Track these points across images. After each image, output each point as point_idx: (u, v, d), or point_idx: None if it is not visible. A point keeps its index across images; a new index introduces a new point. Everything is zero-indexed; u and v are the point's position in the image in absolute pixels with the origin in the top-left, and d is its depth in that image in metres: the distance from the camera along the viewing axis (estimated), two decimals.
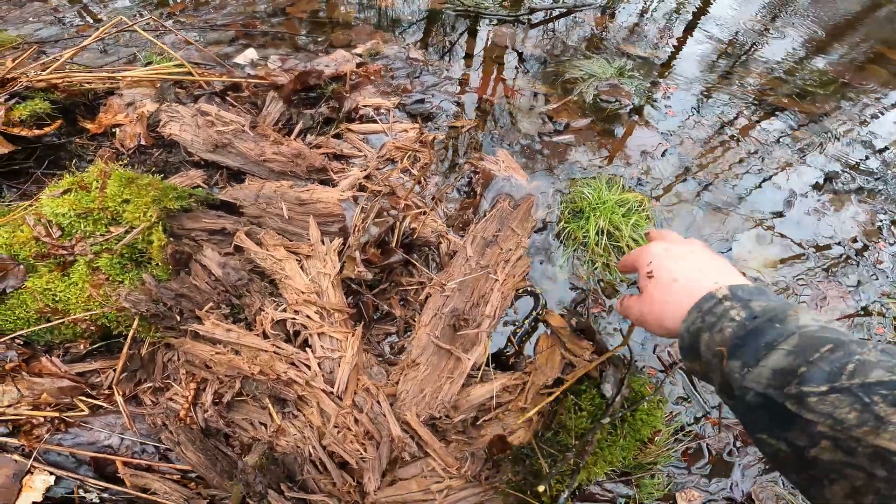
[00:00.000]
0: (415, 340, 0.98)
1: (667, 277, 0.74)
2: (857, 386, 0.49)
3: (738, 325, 0.61)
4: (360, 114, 1.35)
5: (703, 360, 0.64)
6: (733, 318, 0.62)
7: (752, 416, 0.57)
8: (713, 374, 0.63)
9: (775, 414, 0.53)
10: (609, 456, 0.98)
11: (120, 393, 0.92)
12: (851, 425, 0.47)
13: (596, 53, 1.83)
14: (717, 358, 0.61)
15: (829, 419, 0.49)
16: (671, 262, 0.76)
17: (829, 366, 0.51)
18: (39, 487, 0.85)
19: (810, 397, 0.50)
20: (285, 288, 0.97)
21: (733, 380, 0.59)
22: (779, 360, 0.55)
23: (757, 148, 1.63)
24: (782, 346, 0.56)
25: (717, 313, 0.64)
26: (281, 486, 0.84)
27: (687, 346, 0.67)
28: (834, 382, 0.50)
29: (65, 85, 1.23)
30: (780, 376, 0.54)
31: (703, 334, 0.64)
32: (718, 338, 0.62)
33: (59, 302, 0.92)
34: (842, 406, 0.48)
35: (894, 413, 0.46)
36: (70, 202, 0.91)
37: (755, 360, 0.57)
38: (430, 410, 0.90)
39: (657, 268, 0.77)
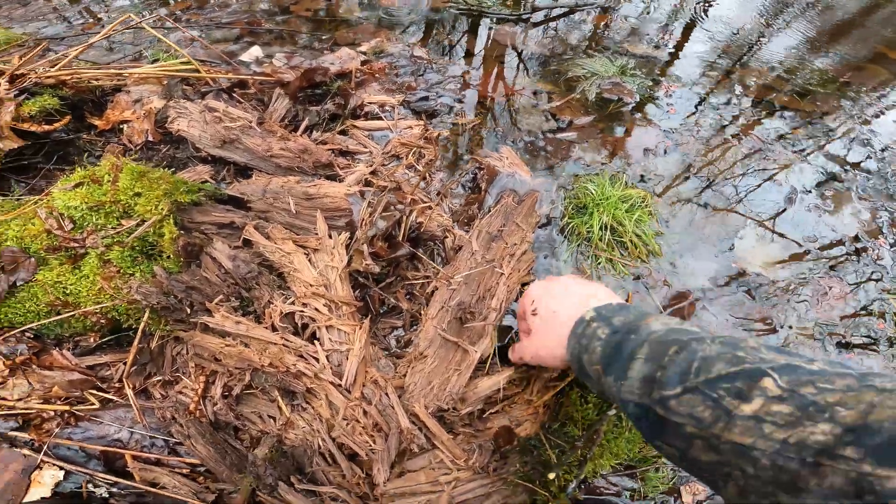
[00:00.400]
0: (422, 333, 0.99)
1: (549, 312, 0.79)
2: (703, 383, 0.51)
3: (605, 343, 0.65)
4: (365, 111, 1.36)
5: (592, 381, 0.67)
6: (600, 336, 0.66)
7: (639, 426, 0.59)
8: (606, 394, 0.65)
9: (653, 421, 0.55)
10: (615, 448, 0.99)
11: (130, 386, 0.93)
12: (709, 423, 0.48)
13: (598, 52, 1.84)
14: (597, 377, 0.65)
15: (691, 419, 0.50)
16: (550, 298, 0.81)
17: (678, 367, 0.54)
18: (48, 483, 0.86)
19: (671, 400, 0.53)
20: (294, 281, 0.97)
21: (613, 395, 0.62)
22: (640, 370, 0.58)
23: (758, 146, 1.64)
24: (639, 355, 0.59)
25: (588, 335, 0.68)
26: (291, 479, 0.85)
27: (577, 370, 0.71)
28: (685, 383, 0.52)
29: (73, 81, 1.23)
30: (645, 384, 0.57)
31: (583, 356, 0.68)
32: (594, 357, 0.65)
33: (69, 295, 0.92)
34: (696, 405, 0.50)
35: (738, 405, 0.47)
36: (82, 195, 0.92)
37: (623, 373, 0.60)
38: (438, 402, 0.91)
39: (539, 306, 0.82)
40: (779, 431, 0.44)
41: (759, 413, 0.46)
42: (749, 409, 0.46)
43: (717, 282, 1.29)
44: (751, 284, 1.30)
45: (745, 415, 0.46)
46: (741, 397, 0.47)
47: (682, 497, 1.06)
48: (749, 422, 0.46)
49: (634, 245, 1.27)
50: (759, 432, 0.45)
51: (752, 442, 0.45)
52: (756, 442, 0.44)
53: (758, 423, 0.45)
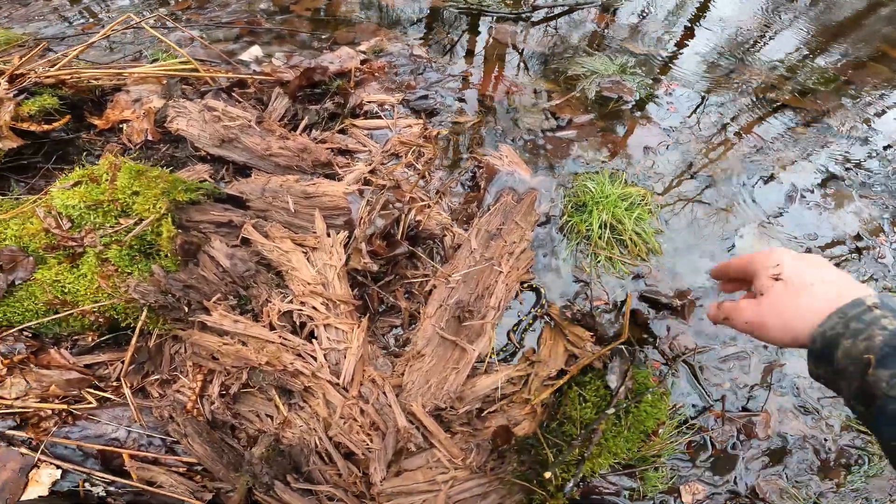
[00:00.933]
0: (420, 332, 0.99)
1: (800, 281, 0.71)
2: None
3: (891, 335, 0.59)
4: (364, 110, 1.36)
5: (835, 367, 0.62)
6: (885, 326, 0.60)
7: (891, 427, 0.55)
8: (844, 382, 0.61)
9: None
10: (614, 447, 0.98)
11: (127, 385, 0.93)
12: None
13: (598, 51, 1.84)
14: (858, 366, 0.59)
15: None
16: (802, 266, 0.73)
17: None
18: (46, 482, 0.85)
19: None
20: (292, 279, 0.97)
21: (878, 388, 0.57)
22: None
23: (759, 144, 1.64)
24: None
25: (865, 320, 0.61)
26: (287, 478, 0.85)
27: (818, 350, 0.65)
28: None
29: (73, 81, 1.24)
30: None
31: (842, 340, 0.62)
32: (864, 345, 0.60)
33: (67, 294, 0.92)
34: None
35: None
36: (80, 194, 0.92)
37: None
38: (436, 401, 0.90)
39: (788, 271, 0.73)
40: None
41: None
42: None
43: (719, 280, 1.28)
44: None
45: None
46: None
47: (682, 496, 1.05)
48: None
49: (634, 243, 1.26)
50: None
51: None
52: None
53: None
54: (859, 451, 1.12)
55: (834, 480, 1.08)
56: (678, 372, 1.15)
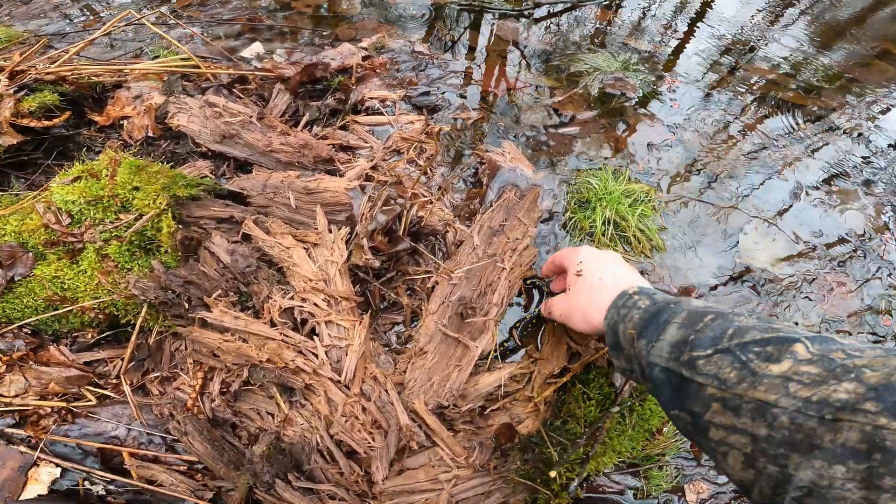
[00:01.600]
0: (422, 328, 0.98)
1: (593, 277, 0.83)
2: (735, 346, 0.53)
3: (644, 311, 0.69)
4: (366, 106, 1.35)
5: (623, 352, 0.70)
6: (640, 306, 0.70)
7: (662, 393, 0.62)
8: (633, 364, 0.68)
9: (676, 385, 0.58)
10: (618, 446, 0.98)
11: (127, 382, 0.92)
12: (733, 383, 0.51)
13: (601, 48, 1.83)
14: (629, 342, 0.68)
15: (714, 380, 0.53)
16: (598, 263, 0.84)
17: (713, 332, 0.57)
18: (45, 480, 0.85)
19: (699, 360, 0.55)
20: (293, 275, 0.96)
21: (642, 358, 0.65)
22: (673, 334, 0.61)
23: (763, 141, 1.63)
24: (675, 321, 0.63)
25: (628, 305, 0.72)
26: (288, 476, 0.84)
27: (611, 340, 0.74)
28: (717, 345, 0.55)
29: (73, 78, 1.23)
30: (676, 348, 0.59)
31: (619, 325, 0.71)
32: (630, 325, 0.69)
33: (67, 290, 0.92)
34: (724, 366, 0.52)
35: (767, 367, 0.49)
36: (80, 190, 0.91)
37: (656, 336, 0.63)
38: (439, 399, 0.89)
39: (586, 268, 0.85)
40: (804, 390, 0.45)
41: (786, 373, 0.47)
42: (777, 369, 0.48)
43: (721, 278, 1.28)
44: (756, 281, 1.29)
45: (772, 374, 0.48)
46: (770, 360, 0.50)
47: (686, 495, 1.05)
48: (776, 380, 0.48)
49: (638, 240, 1.25)
50: (785, 391, 0.46)
51: (776, 399, 0.46)
52: (779, 399, 0.46)
53: (785, 381, 0.47)
54: None
55: None
56: None
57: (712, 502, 1.05)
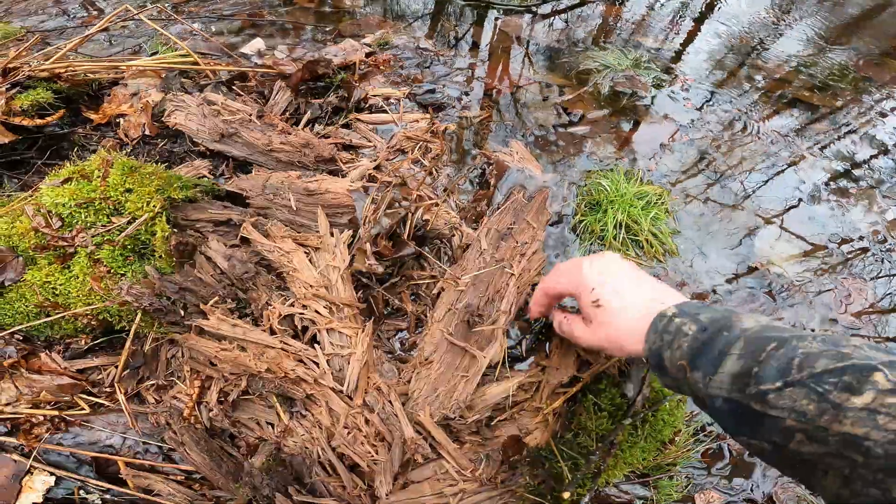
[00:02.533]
0: (427, 337, 0.94)
1: (618, 305, 0.76)
2: (808, 378, 0.50)
3: (692, 339, 0.64)
4: (369, 104, 1.32)
5: (671, 376, 0.67)
6: (686, 332, 0.65)
7: (727, 421, 0.59)
8: (683, 386, 0.65)
9: (746, 416, 0.55)
10: (630, 458, 0.94)
11: (122, 391, 0.89)
12: (814, 416, 0.48)
13: (611, 45, 1.79)
14: (679, 371, 0.64)
15: (792, 413, 0.50)
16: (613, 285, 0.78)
17: (777, 362, 0.53)
18: (40, 488, 0.82)
19: (769, 395, 0.52)
20: (293, 281, 0.93)
21: (698, 390, 0.61)
22: (733, 366, 0.57)
23: (777, 140, 1.59)
24: (732, 351, 0.58)
25: (671, 331, 0.66)
26: (289, 490, 0.80)
27: (655, 364, 0.69)
28: (786, 377, 0.52)
29: (68, 75, 1.20)
30: (738, 380, 0.56)
31: (664, 352, 0.67)
32: (678, 353, 0.64)
33: (59, 296, 0.89)
34: (799, 398, 0.50)
35: (848, 398, 0.47)
36: (70, 192, 0.88)
37: (714, 368, 0.59)
38: (444, 410, 0.86)
39: (603, 296, 0.77)
40: (893, 422, 0.43)
41: (871, 405, 0.45)
42: (860, 401, 0.46)
43: (735, 281, 1.24)
44: (771, 284, 1.25)
45: (856, 407, 0.46)
46: (850, 391, 0.47)
47: None
48: (861, 413, 0.45)
49: (650, 244, 1.22)
50: (874, 423, 0.44)
51: (866, 433, 0.44)
52: (870, 433, 0.44)
53: (871, 414, 0.45)
54: None
55: None
56: None
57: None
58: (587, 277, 0.80)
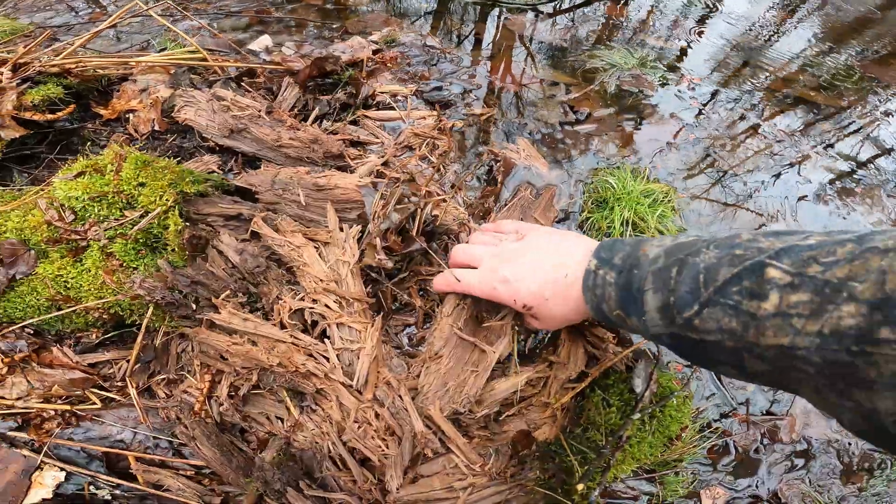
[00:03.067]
0: (437, 332, 0.94)
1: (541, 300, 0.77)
2: (714, 293, 0.48)
3: (615, 287, 0.63)
4: (376, 100, 1.32)
5: (622, 326, 0.67)
6: (609, 281, 0.64)
7: (685, 356, 0.57)
8: (639, 333, 0.64)
9: (692, 347, 0.53)
10: (638, 453, 0.95)
11: (133, 385, 0.89)
12: (741, 332, 0.46)
13: (616, 43, 1.79)
14: (621, 321, 0.63)
15: (724, 333, 0.47)
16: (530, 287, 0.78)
17: (686, 286, 0.51)
18: (50, 484, 0.83)
19: (694, 321, 0.50)
20: (303, 276, 0.93)
21: (643, 332, 0.60)
22: (653, 302, 0.56)
23: (782, 139, 1.59)
24: (646, 287, 0.57)
25: (599, 284, 0.65)
26: (300, 485, 0.81)
27: (603, 319, 0.69)
28: (699, 298, 0.49)
29: (78, 70, 1.20)
30: (664, 314, 0.54)
31: (602, 306, 0.66)
32: (612, 304, 0.63)
33: (70, 289, 0.89)
34: (720, 318, 0.47)
35: (758, 306, 0.44)
36: (84, 185, 0.88)
37: (641, 310, 0.58)
38: (454, 405, 0.86)
39: (530, 302, 0.79)
40: (809, 323, 0.40)
41: (780, 308, 0.43)
42: (770, 306, 0.43)
43: None
44: None
45: (769, 313, 0.43)
46: (756, 296, 0.44)
47: (702, 501, 1.03)
48: (776, 320, 0.43)
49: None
50: (792, 329, 0.41)
51: (791, 341, 0.42)
52: (794, 340, 0.41)
53: (784, 318, 0.42)
54: (882, 456, 1.09)
55: (856, 484, 1.06)
56: (702, 375, 1.11)
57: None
58: (503, 294, 0.82)
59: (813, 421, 1.11)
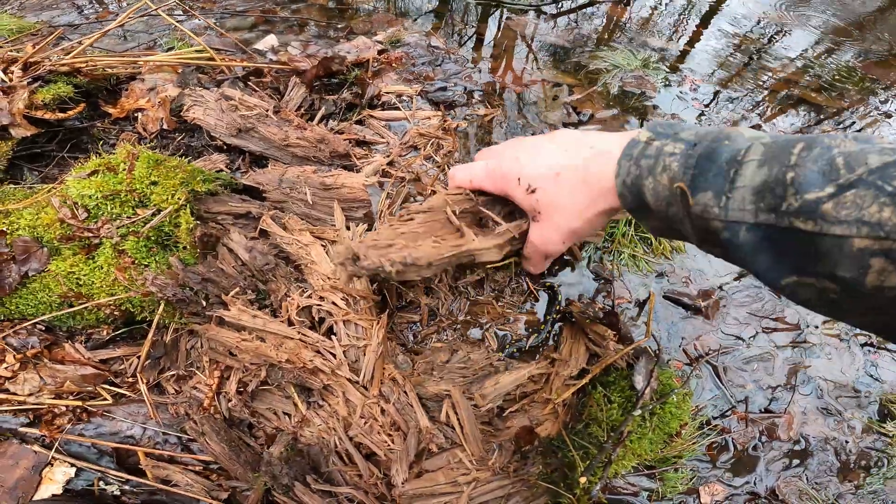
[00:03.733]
0: (428, 200, 0.91)
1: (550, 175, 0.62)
2: (869, 174, 0.37)
3: (683, 156, 0.49)
4: (382, 100, 1.33)
5: (659, 214, 0.52)
6: (672, 152, 0.50)
7: (760, 259, 0.44)
8: (682, 226, 0.51)
9: (792, 245, 0.41)
10: (638, 449, 0.96)
11: (143, 381, 0.91)
12: (891, 228, 0.35)
13: (620, 45, 1.80)
14: (676, 201, 0.49)
15: (862, 226, 0.36)
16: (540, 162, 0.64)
17: (816, 164, 0.40)
18: (60, 480, 0.84)
19: (824, 204, 0.38)
20: (311, 273, 0.95)
21: (712, 219, 0.46)
22: (754, 175, 0.43)
23: None
24: (749, 158, 0.44)
25: (650, 155, 0.52)
26: (307, 479, 0.82)
27: (634, 205, 0.55)
28: (838, 180, 0.38)
29: (88, 69, 1.21)
30: (766, 195, 0.42)
31: (644, 182, 0.52)
32: (667, 176, 0.50)
33: (83, 286, 0.90)
34: (866, 205, 0.36)
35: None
36: (97, 184, 0.90)
37: (727, 184, 0.45)
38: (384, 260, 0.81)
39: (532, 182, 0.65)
40: None
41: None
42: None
43: (741, 280, 1.26)
44: None
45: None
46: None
47: (701, 497, 1.04)
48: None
49: (658, 241, 1.23)
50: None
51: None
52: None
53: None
54: (879, 454, 1.10)
55: (853, 482, 1.07)
56: (701, 373, 1.13)
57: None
58: (507, 172, 0.70)
59: (811, 419, 1.12)
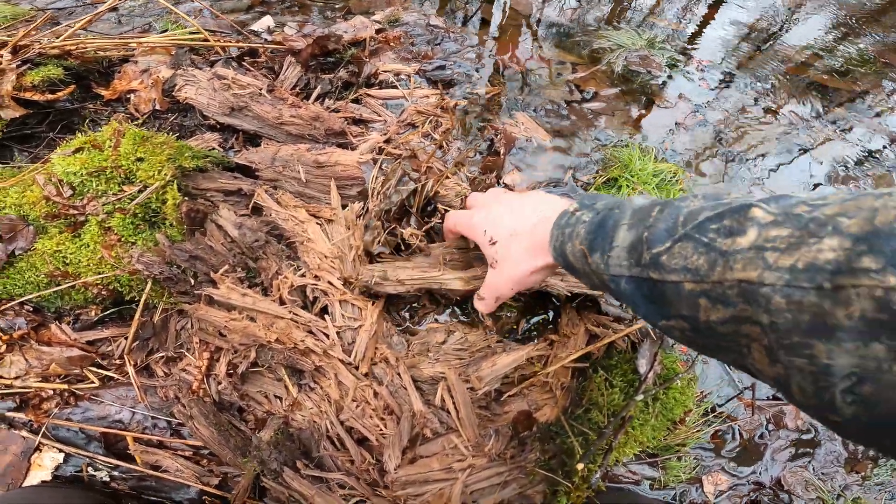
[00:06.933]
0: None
1: (506, 233, 0.77)
2: (692, 229, 0.46)
3: (589, 224, 0.62)
4: (379, 79, 1.30)
5: (579, 270, 0.65)
6: (584, 220, 0.63)
7: (638, 305, 0.54)
8: (592, 276, 0.63)
9: (650, 293, 0.51)
10: (640, 436, 0.93)
11: (131, 363, 0.89)
12: (707, 270, 0.43)
13: (625, 24, 1.76)
14: (582, 260, 0.62)
15: (686, 272, 0.45)
16: (500, 221, 0.79)
17: (664, 223, 0.50)
18: (49, 465, 0.83)
19: (662, 257, 0.48)
20: (307, 251, 0.92)
21: (602, 274, 0.59)
22: (625, 237, 0.55)
23: (794, 122, 1.56)
24: (622, 222, 0.56)
25: (572, 223, 0.65)
26: (297, 464, 0.80)
27: (563, 264, 0.68)
28: (673, 235, 0.48)
29: (79, 52, 1.19)
30: (633, 252, 0.53)
31: (566, 246, 0.65)
32: (577, 241, 0.63)
33: (69, 265, 0.88)
34: (689, 254, 0.46)
35: (733, 242, 0.42)
36: (82, 161, 0.87)
37: (608, 245, 0.57)
38: None
39: (494, 233, 0.79)
40: (783, 258, 0.37)
41: (756, 242, 0.40)
42: (745, 241, 0.41)
43: None
44: None
45: (742, 248, 0.41)
46: (734, 233, 0.42)
47: (704, 486, 1.01)
48: (749, 253, 0.40)
49: None
50: (763, 263, 0.39)
51: (759, 275, 0.38)
52: (763, 275, 0.38)
53: (758, 252, 0.39)
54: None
55: (860, 473, 1.05)
56: (707, 358, 1.09)
57: (730, 493, 1.01)
58: (476, 220, 0.83)
59: None
